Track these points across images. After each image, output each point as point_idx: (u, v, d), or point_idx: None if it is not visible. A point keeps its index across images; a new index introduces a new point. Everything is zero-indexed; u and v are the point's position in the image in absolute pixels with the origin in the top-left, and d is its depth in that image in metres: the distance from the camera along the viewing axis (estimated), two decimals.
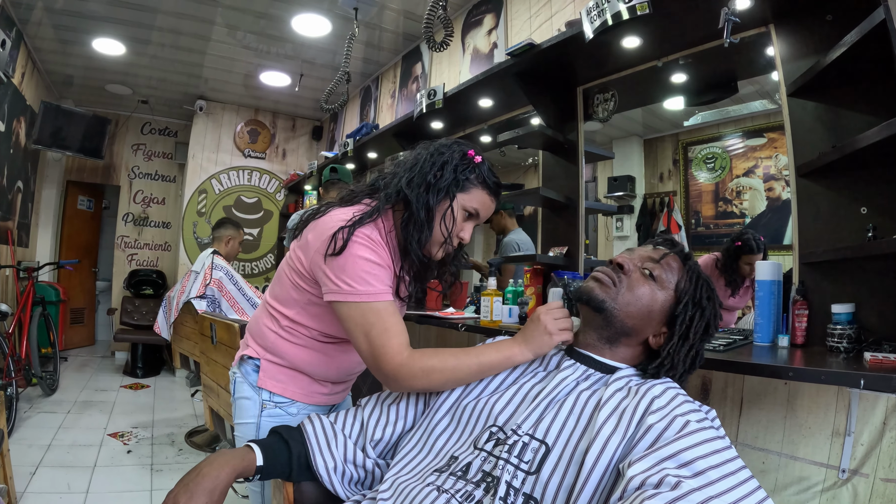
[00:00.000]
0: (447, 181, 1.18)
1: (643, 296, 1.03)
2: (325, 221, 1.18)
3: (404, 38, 4.24)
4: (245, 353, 1.34)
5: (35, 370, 4.04)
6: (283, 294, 1.28)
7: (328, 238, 1.12)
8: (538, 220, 2.90)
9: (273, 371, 1.30)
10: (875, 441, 1.43)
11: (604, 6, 1.93)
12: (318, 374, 1.33)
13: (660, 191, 2.66)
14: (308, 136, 6.52)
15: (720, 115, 2.44)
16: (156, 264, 6.54)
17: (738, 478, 0.74)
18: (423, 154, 1.23)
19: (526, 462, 0.89)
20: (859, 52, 1.43)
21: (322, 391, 1.36)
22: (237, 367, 1.37)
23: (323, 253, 1.12)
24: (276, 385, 1.30)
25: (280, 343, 1.29)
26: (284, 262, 1.30)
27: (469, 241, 1.27)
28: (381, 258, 1.14)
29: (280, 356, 1.30)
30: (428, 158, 1.21)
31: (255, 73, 5.11)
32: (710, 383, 1.78)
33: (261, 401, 1.30)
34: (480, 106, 3.17)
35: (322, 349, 1.30)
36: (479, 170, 1.21)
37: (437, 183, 1.18)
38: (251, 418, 1.31)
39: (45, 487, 2.63)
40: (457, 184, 1.19)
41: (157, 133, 6.61)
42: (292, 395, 1.32)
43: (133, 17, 4.00)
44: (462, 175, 1.19)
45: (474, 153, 1.22)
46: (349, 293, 1.11)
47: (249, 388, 1.32)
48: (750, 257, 2.05)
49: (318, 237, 1.16)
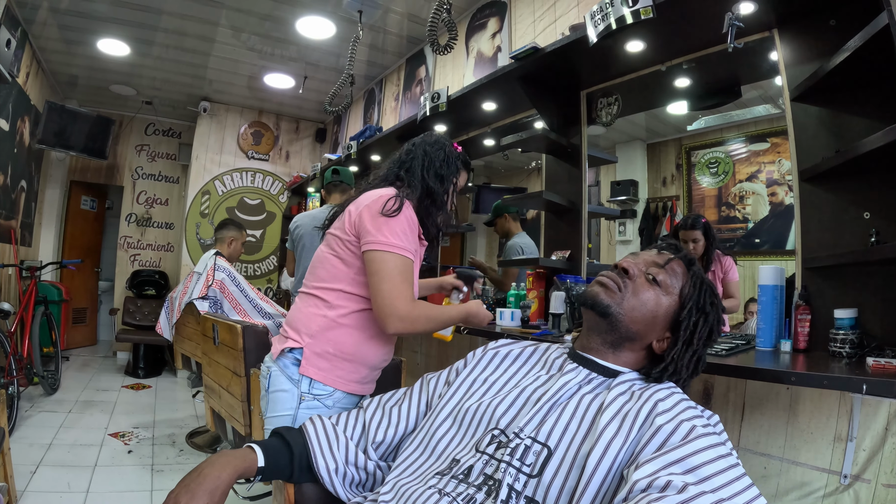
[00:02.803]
0: (451, 170, 1.53)
1: (648, 301, 1.03)
2: (366, 195, 1.42)
3: (408, 41, 4.25)
4: (286, 346, 1.39)
5: (37, 369, 4.04)
6: (328, 272, 1.42)
7: (377, 199, 1.36)
8: (541, 223, 2.90)
9: (316, 358, 1.37)
10: (877, 447, 1.42)
11: (608, 10, 1.93)
12: (360, 355, 1.41)
13: (663, 195, 2.66)
14: (311, 139, 6.53)
15: (723, 120, 2.45)
16: (158, 265, 6.55)
17: (741, 484, 0.75)
18: (428, 149, 1.54)
19: (528, 465, 0.89)
20: (863, 57, 1.43)
21: (359, 377, 1.43)
22: (274, 361, 1.41)
23: (372, 210, 1.35)
24: (317, 373, 1.36)
25: (326, 325, 1.38)
26: (323, 247, 1.47)
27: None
28: (412, 226, 1.39)
29: (325, 341, 1.37)
30: (433, 153, 1.53)
31: (259, 74, 5.12)
32: (712, 388, 1.77)
33: (300, 393, 1.36)
34: (484, 109, 3.18)
35: (366, 324, 1.42)
36: (462, 157, 1.59)
37: (446, 173, 1.52)
38: (288, 410, 1.35)
39: (45, 486, 2.63)
40: (456, 171, 1.56)
41: (160, 134, 6.63)
42: (333, 383, 1.38)
43: (138, 19, 4.02)
44: (456, 163, 1.55)
45: (457, 145, 1.60)
46: (387, 244, 1.32)
47: (287, 381, 1.37)
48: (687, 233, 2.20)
49: (361, 203, 1.39)
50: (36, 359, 4.05)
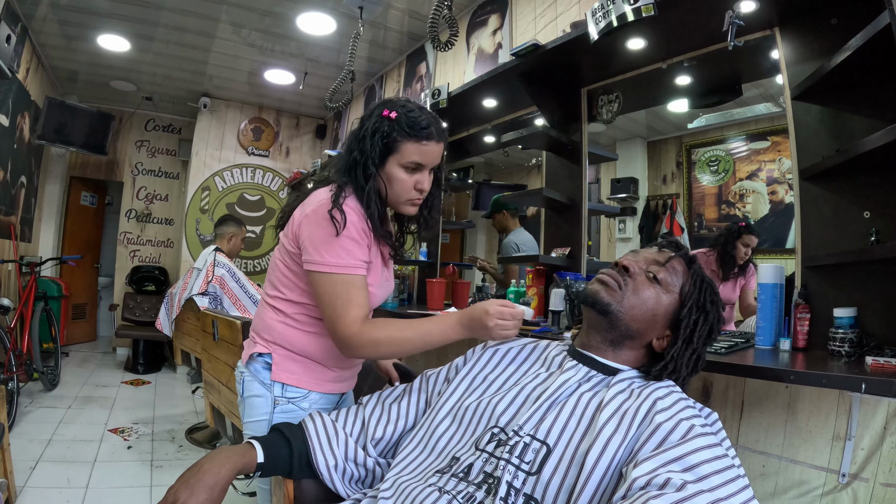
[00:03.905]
0: (374, 152, 1.22)
1: (648, 299, 1.03)
2: (308, 199, 1.27)
3: (409, 38, 4.23)
4: (254, 351, 1.33)
5: (36, 365, 4.04)
6: (281, 280, 1.33)
7: (316, 208, 1.21)
8: (541, 220, 2.90)
9: (286, 363, 1.31)
10: (875, 446, 1.43)
11: (609, 7, 1.93)
12: (329, 359, 1.34)
13: (663, 193, 2.66)
14: (312, 135, 6.52)
15: (724, 118, 2.44)
16: (158, 261, 6.55)
17: (738, 485, 0.75)
18: (349, 134, 1.30)
19: (527, 463, 0.89)
20: (864, 56, 1.43)
21: (333, 377, 1.37)
22: (245, 366, 1.36)
23: (306, 223, 1.22)
24: (290, 377, 1.31)
25: (288, 332, 1.31)
26: (276, 254, 1.37)
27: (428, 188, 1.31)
28: (359, 232, 1.21)
29: (290, 346, 1.31)
30: (353, 139, 1.28)
31: (259, 70, 5.11)
32: (711, 386, 1.78)
33: (273, 397, 1.30)
34: (484, 106, 3.17)
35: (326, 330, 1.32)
36: (397, 125, 1.22)
37: (362, 159, 1.23)
38: (263, 416, 1.31)
39: (44, 482, 2.63)
40: (387, 148, 1.23)
41: (160, 130, 6.62)
42: (306, 385, 1.32)
43: (138, 14, 4.01)
44: (386, 138, 1.22)
45: (388, 111, 1.23)
46: (323, 264, 1.19)
47: (260, 386, 1.32)
48: (749, 238, 2.13)
49: (303, 211, 1.24)
50: (36, 355, 4.05)
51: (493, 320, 1.14)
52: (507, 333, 1.15)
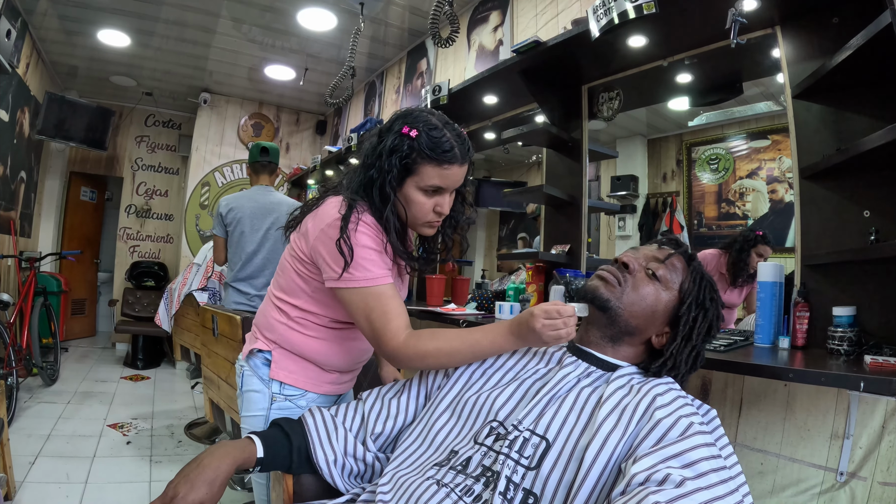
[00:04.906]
0: (392, 173, 1.15)
1: (647, 296, 1.03)
2: (323, 210, 1.20)
3: (410, 34, 4.23)
4: (255, 347, 1.33)
5: (36, 360, 4.04)
6: (289, 285, 1.30)
7: (331, 223, 1.15)
8: (541, 217, 2.90)
9: (285, 362, 1.31)
10: (874, 444, 1.43)
11: (610, 5, 1.93)
12: (329, 363, 1.34)
13: (663, 191, 2.66)
14: (312, 131, 6.51)
15: (724, 116, 2.44)
16: (157, 256, 6.55)
17: (734, 483, 0.76)
18: (366, 147, 1.23)
19: (526, 457, 0.90)
20: (865, 55, 1.43)
21: (331, 380, 1.37)
22: (245, 360, 1.36)
23: (323, 241, 1.16)
24: (287, 375, 1.31)
25: (290, 335, 1.30)
26: (286, 254, 1.32)
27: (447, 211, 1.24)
28: (377, 242, 1.17)
29: (290, 346, 1.31)
30: (370, 153, 1.20)
31: (259, 66, 5.10)
32: (710, 383, 1.78)
33: (271, 394, 1.30)
34: (485, 103, 3.17)
35: (332, 336, 1.31)
36: (417, 145, 1.13)
37: (379, 178, 1.17)
38: (260, 411, 1.31)
39: (44, 477, 2.63)
40: (406, 169, 1.15)
41: (160, 125, 6.60)
42: (303, 385, 1.32)
43: (138, 9, 4.00)
44: (405, 159, 1.14)
45: (409, 128, 1.14)
46: (348, 279, 1.14)
47: (259, 382, 1.32)
48: (765, 248, 2.11)
49: (317, 226, 1.19)
50: (35, 350, 4.05)
51: (540, 321, 1.03)
52: (558, 334, 1.03)
